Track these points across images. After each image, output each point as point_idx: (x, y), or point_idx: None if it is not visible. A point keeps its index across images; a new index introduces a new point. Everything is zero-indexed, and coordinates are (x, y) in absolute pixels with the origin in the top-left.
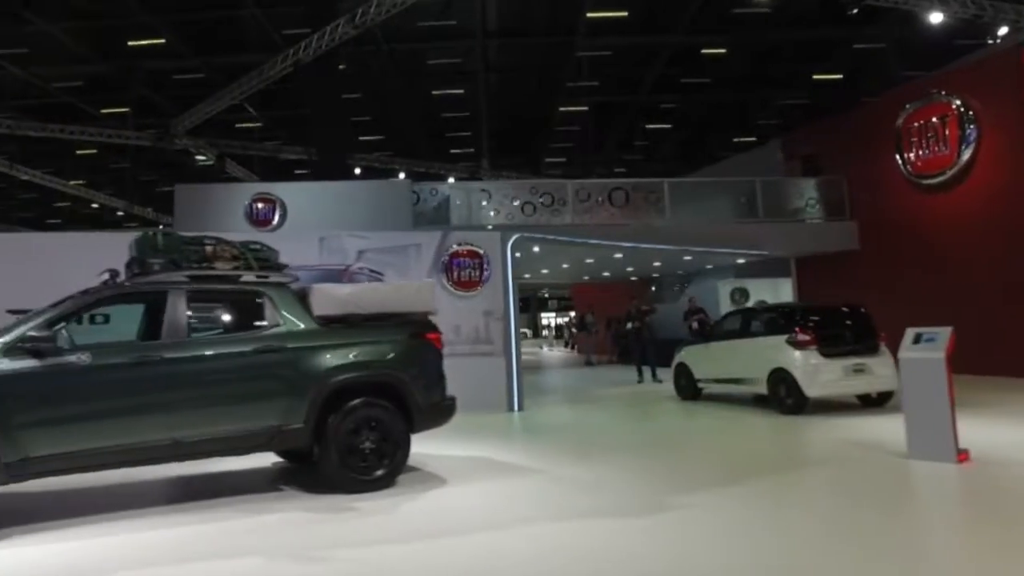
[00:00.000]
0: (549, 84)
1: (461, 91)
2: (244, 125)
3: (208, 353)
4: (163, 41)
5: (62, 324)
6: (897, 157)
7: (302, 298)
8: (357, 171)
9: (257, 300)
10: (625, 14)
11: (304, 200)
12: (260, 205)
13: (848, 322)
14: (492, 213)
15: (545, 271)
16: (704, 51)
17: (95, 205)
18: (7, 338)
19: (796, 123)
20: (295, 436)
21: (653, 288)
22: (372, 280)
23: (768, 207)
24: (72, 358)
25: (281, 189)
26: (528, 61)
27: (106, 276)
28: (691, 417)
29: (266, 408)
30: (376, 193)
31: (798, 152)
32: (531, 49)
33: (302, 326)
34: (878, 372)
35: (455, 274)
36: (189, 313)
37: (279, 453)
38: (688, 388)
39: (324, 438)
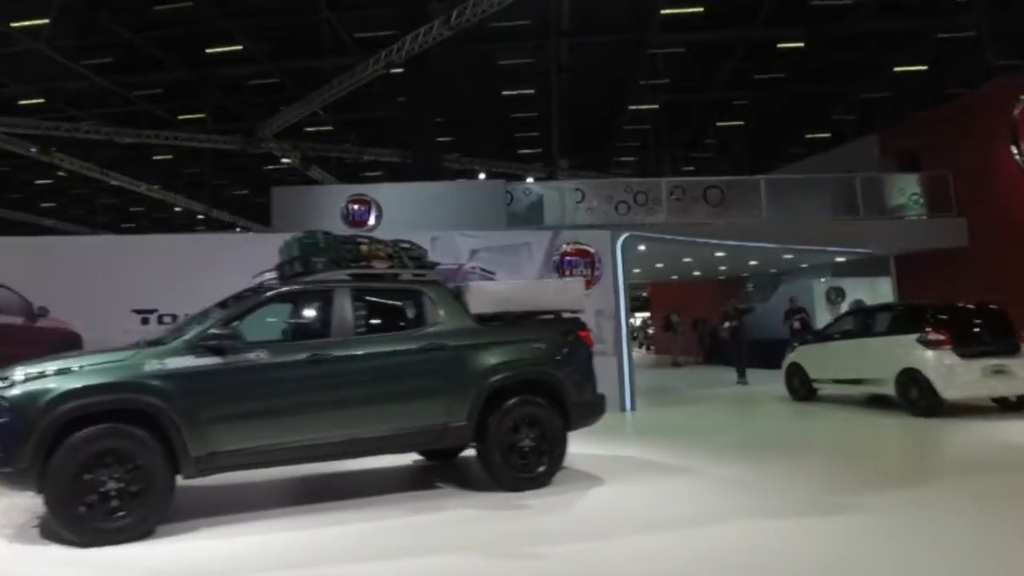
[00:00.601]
0: (620, 83)
1: (531, 91)
2: (314, 128)
3: (377, 351)
4: (240, 48)
5: (239, 322)
6: (1013, 149)
7: (457, 296)
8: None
9: (418, 298)
10: (700, 10)
11: (399, 201)
12: (356, 206)
13: (984, 321)
14: (586, 212)
15: (637, 270)
16: (780, 45)
17: (177, 208)
18: (190, 336)
19: (877, 117)
20: (458, 434)
21: (742, 288)
22: (484, 279)
23: (868, 204)
24: (251, 355)
25: (376, 190)
26: (599, 60)
27: (266, 276)
28: (816, 418)
29: (431, 406)
30: (470, 193)
31: (896, 147)
32: (603, 48)
33: (462, 324)
34: (1020, 374)
35: (567, 273)
36: (356, 311)
37: (421, 451)
38: (802, 389)
39: (486, 436)
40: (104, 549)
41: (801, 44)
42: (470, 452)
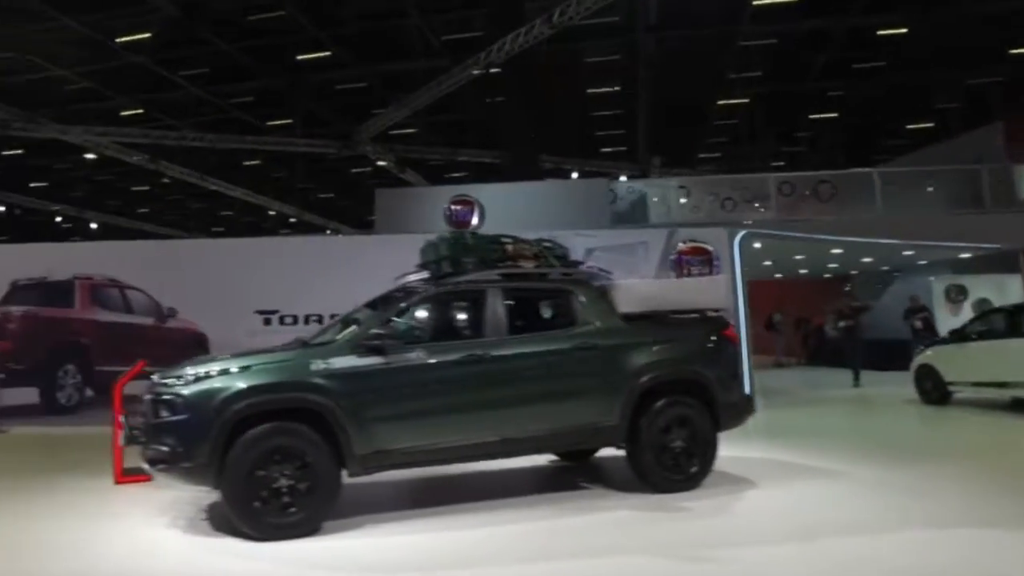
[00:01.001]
0: (708, 77)
1: (616, 88)
2: (398, 131)
3: (531, 351)
4: (329, 54)
5: (396, 322)
6: None
7: (603, 295)
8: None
9: (567, 297)
10: None
11: (501, 201)
12: (458, 207)
13: None
14: (691, 210)
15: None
16: (880, 32)
17: (271, 212)
18: (351, 336)
19: (992, 104)
20: (610, 434)
21: (849, 285)
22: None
23: (995, 196)
24: (412, 355)
25: (478, 191)
26: (687, 55)
27: (410, 277)
28: (955, 422)
29: (584, 406)
30: (573, 192)
31: None
32: (691, 42)
33: (612, 323)
34: None
35: (685, 272)
36: (508, 311)
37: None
38: (935, 391)
39: (637, 436)
40: (278, 543)
41: (904, 30)
42: (604, 452)
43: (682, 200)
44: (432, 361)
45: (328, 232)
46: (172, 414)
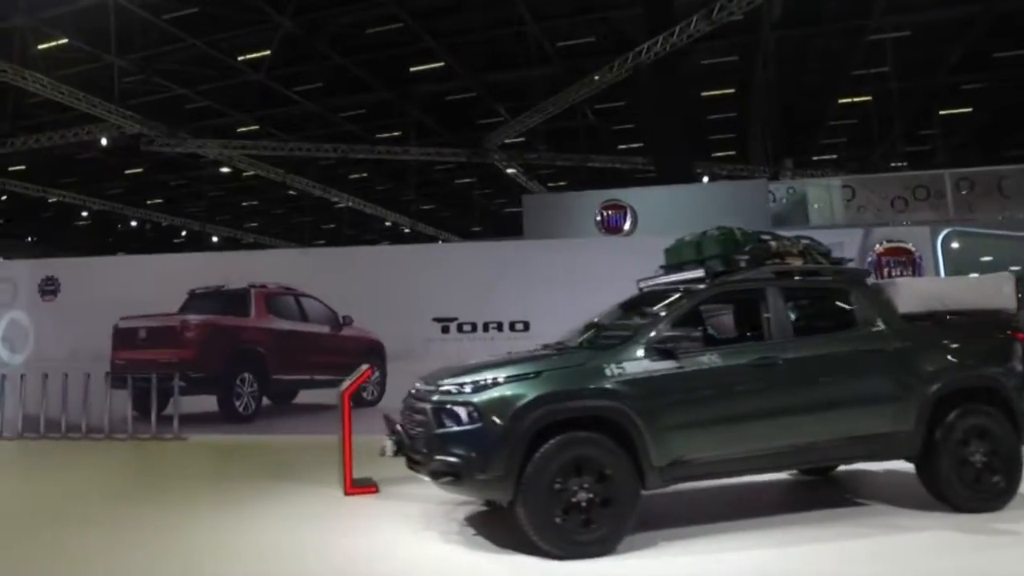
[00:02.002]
0: (830, 74)
1: (731, 90)
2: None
3: (822, 353)
4: (441, 64)
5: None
6: None
7: (881, 293)
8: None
9: (846, 297)
10: None
11: (655, 204)
12: (610, 212)
13: None
14: (857, 210)
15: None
16: None
17: (388, 223)
18: (642, 338)
19: None
20: (904, 443)
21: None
22: None
23: None
24: (703, 358)
25: (630, 195)
26: (810, 52)
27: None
28: None
29: (877, 413)
30: (730, 194)
31: None
32: (815, 38)
33: (896, 324)
34: None
35: (885, 274)
36: (789, 312)
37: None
38: None
39: (932, 447)
40: (570, 563)
41: None
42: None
43: (848, 200)
44: (725, 364)
45: (439, 241)
46: (462, 424)
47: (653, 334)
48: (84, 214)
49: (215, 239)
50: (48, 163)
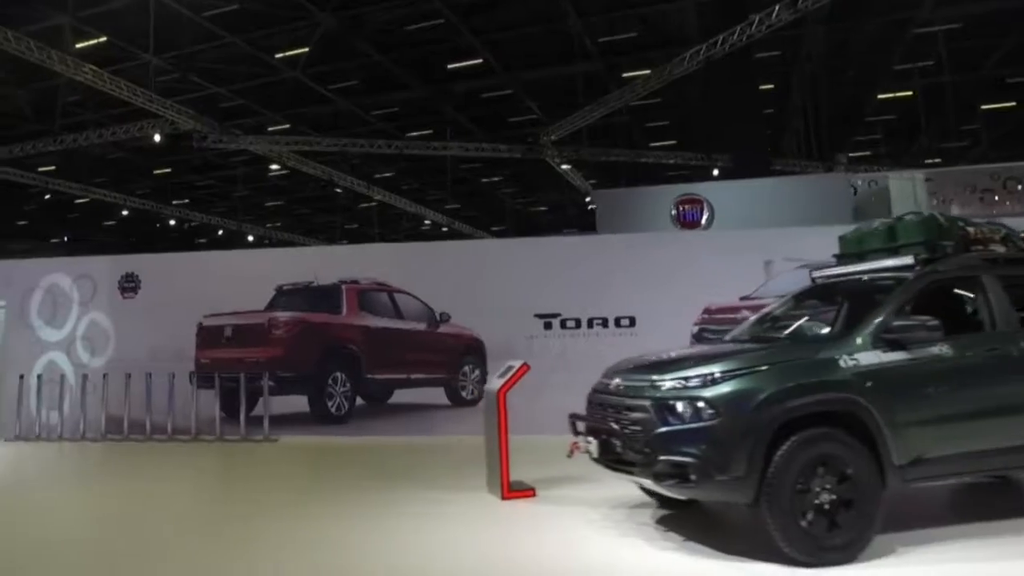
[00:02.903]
0: (871, 70)
1: (771, 86)
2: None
3: None
4: (480, 61)
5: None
6: None
7: None
8: (715, 172)
9: None
10: None
11: (732, 199)
12: (686, 207)
13: None
14: (941, 203)
15: None
16: None
17: (427, 222)
18: (871, 328)
19: None
20: None
21: None
22: None
23: None
24: (934, 349)
25: (706, 189)
26: (852, 46)
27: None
28: None
29: None
30: (810, 187)
31: None
32: (858, 33)
33: None
34: None
35: None
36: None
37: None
38: None
39: None
40: (811, 569)
41: None
42: None
43: (933, 193)
44: (957, 355)
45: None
46: (694, 420)
47: (881, 323)
48: (125, 213)
49: (251, 238)
50: (79, 163)
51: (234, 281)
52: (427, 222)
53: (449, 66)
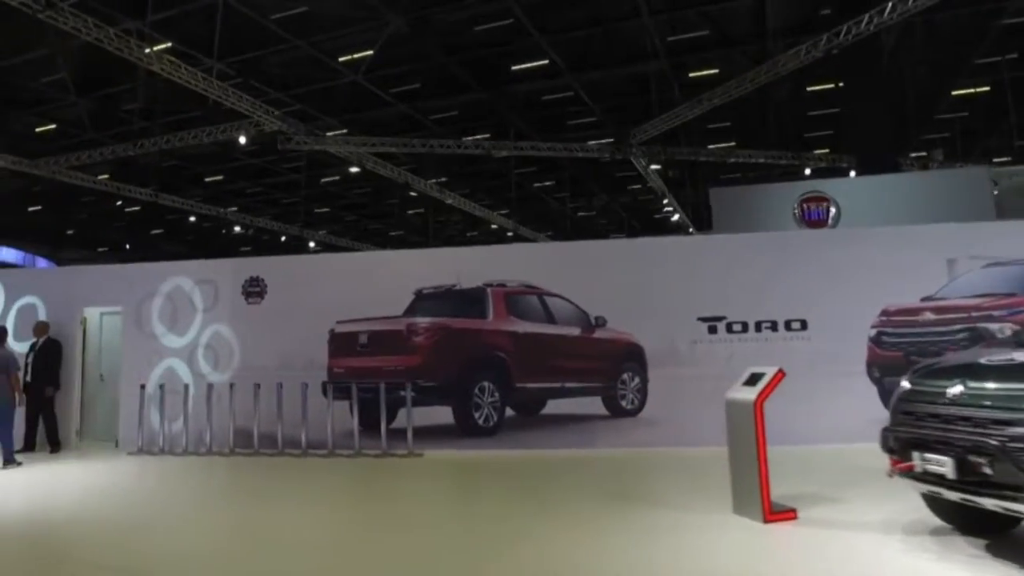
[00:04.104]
0: (948, 65)
1: (831, 86)
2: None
3: None
4: (545, 62)
5: None
6: None
7: None
8: (807, 171)
9: None
10: None
11: (860, 196)
12: (810, 204)
13: None
14: None
15: None
16: None
17: (494, 226)
18: None
19: None
20: None
21: None
22: None
23: None
24: None
25: (832, 186)
26: (930, 40)
27: None
28: None
29: None
30: (947, 183)
31: None
32: (941, 25)
33: None
34: None
35: None
36: None
37: None
38: None
39: None
40: None
41: None
42: None
43: None
44: None
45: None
46: None
47: None
48: (192, 219)
49: (312, 244)
50: (133, 172)
51: (367, 285)
52: (493, 226)
53: (514, 67)
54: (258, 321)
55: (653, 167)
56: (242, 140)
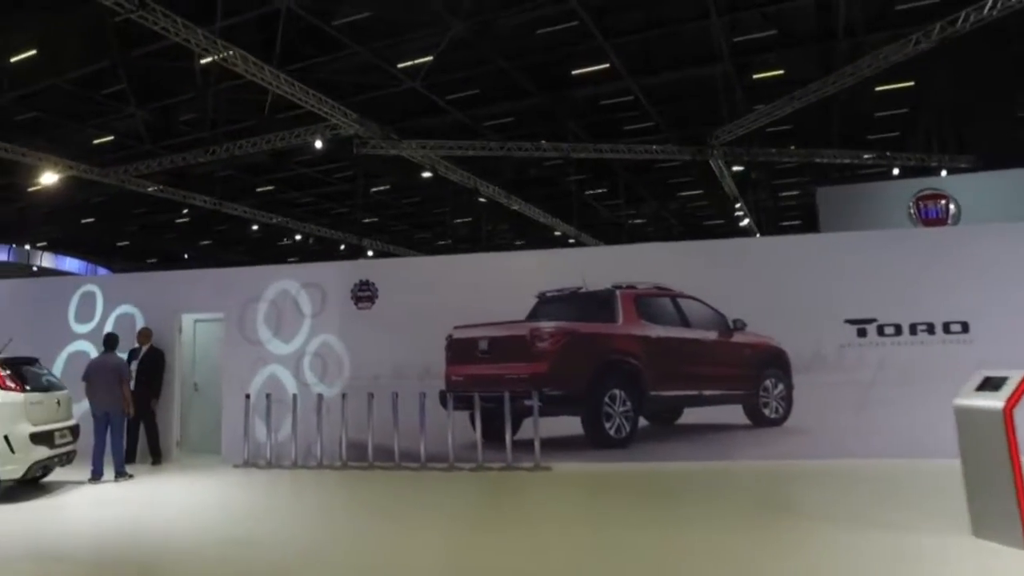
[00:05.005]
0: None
1: (910, 84)
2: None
3: None
4: (607, 66)
5: None
6: None
7: None
8: (895, 171)
9: None
10: None
11: (981, 193)
12: (927, 202)
13: None
14: None
15: None
16: None
17: (557, 233)
18: None
19: None
20: None
21: None
22: None
23: None
24: None
25: (952, 183)
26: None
27: None
28: None
29: None
30: None
31: None
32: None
33: None
34: None
35: None
36: None
37: None
38: None
39: None
40: None
41: None
42: None
43: None
44: None
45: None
46: None
47: None
48: (255, 227)
49: (370, 253)
50: (188, 182)
51: (484, 288)
52: (557, 233)
53: (574, 71)
54: (369, 327)
55: (736, 168)
56: (318, 144)
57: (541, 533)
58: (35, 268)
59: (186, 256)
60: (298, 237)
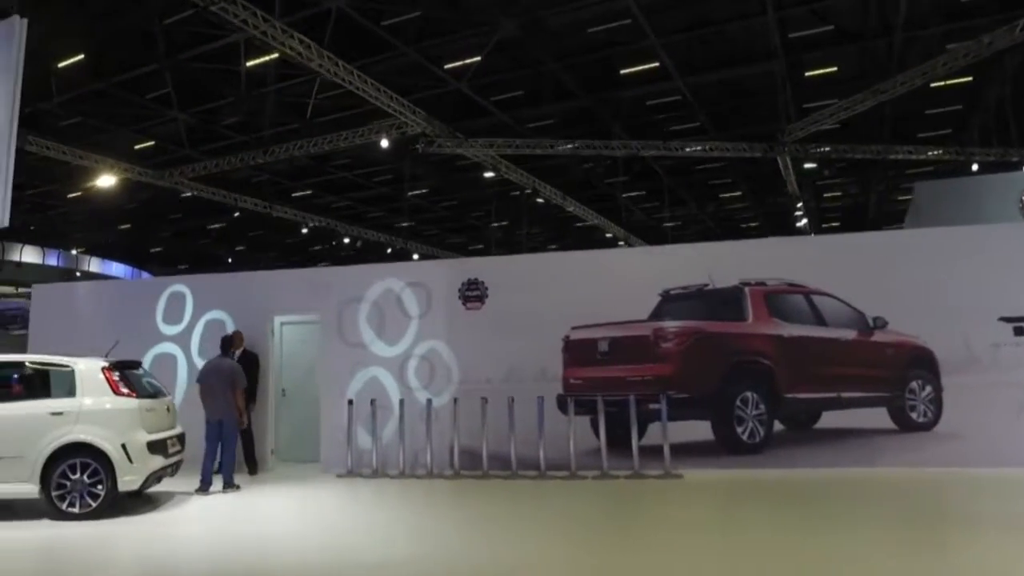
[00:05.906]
0: None
1: (969, 79)
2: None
3: None
4: (656, 65)
5: None
6: None
7: None
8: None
9: None
10: None
11: None
12: None
13: None
14: None
15: None
16: None
17: (608, 235)
18: None
19: None
20: None
21: None
22: None
23: None
24: None
25: None
26: None
27: None
28: None
29: None
30: None
31: None
32: None
33: None
34: None
35: None
36: None
37: None
38: None
39: None
40: None
41: None
42: None
43: None
44: None
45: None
46: None
47: None
48: (304, 231)
49: (416, 256)
50: (228, 187)
51: (602, 286)
52: (608, 235)
53: (623, 71)
54: (478, 328)
55: (810, 165)
56: (384, 143)
57: (696, 543)
58: (78, 274)
59: (229, 260)
60: (334, 242)
